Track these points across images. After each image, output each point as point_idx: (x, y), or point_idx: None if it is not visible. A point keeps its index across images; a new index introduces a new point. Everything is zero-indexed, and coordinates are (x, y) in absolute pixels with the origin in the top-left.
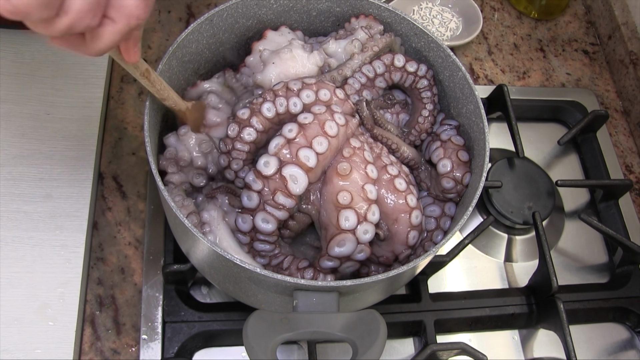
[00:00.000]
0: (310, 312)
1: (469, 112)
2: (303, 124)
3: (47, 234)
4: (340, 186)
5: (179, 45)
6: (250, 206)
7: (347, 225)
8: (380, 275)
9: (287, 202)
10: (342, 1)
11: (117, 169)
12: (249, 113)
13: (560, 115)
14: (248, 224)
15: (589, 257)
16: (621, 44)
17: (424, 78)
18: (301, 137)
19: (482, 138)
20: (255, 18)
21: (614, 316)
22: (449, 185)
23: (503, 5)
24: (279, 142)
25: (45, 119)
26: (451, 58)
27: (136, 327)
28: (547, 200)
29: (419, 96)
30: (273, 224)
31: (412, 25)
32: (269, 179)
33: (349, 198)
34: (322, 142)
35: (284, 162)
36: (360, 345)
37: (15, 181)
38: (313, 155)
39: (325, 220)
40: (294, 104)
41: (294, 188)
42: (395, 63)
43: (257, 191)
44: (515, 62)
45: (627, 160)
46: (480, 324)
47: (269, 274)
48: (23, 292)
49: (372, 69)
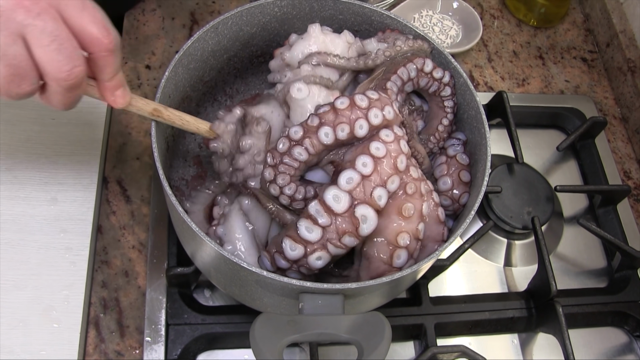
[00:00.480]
0: (316, 315)
1: (470, 118)
2: (377, 157)
3: (52, 237)
4: (402, 227)
5: (185, 53)
6: (309, 239)
7: (398, 263)
8: (385, 278)
9: (350, 243)
10: (345, 9)
11: (122, 174)
12: (302, 133)
13: (559, 122)
14: (298, 253)
15: (588, 262)
16: (619, 51)
17: (447, 86)
18: (376, 175)
19: (484, 143)
20: (259, 26)
21: (613, 320)
22: (446, 203)
23: (503, 13)
24: (352, 177)
25: (50, 123)
26: (452, 64)
27: (140, 330)
28: (546, 205)
29: (442, 104)
30: (325, 261)
31: (414, 32)
32: (337, 216)
33: (407, 240)
34: (395, 180)
35: (358, 201)
36: (366, 346)
37: (21, 185)
38: (385, 194)
39: (372, 253)
40: (360, 126)
41: (364, 229)
42: (424, 68)
43: (322, 227)
44: (515, 69)
45: (626, 166)
46: (480, 328)
47: (276, 277)
48: (28, 294)
49: (407, 72)
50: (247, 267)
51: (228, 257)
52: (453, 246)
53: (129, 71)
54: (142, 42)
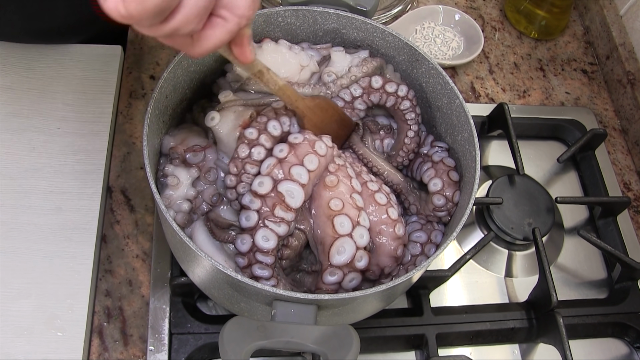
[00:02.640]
0: (287, 322)
1: (464, 140)
2: (293, 143)
3: (57, 246)
4: (330, 195)
5: (185, 56)
6: (249, 225)
7: (343, 230)
8: (358, 292)
9: (286, 216)
10: (348, 23)
11: (126, 183)
12: (257, 133)
13: (560, 134)
14: (247, 244)
15: (588, 273)
16: (619, 64)
17: (405, 99)
18: (292, 156)
19: (473, 166)
20: (262, 34)
21: (613, 331)
22: (440, 202)
23: (504, 26)
24: (270, 162)
25: (55, 133)
26: (450, 85)
27: (143, 339)
28: (547, 216)
29: (403, 117)
30: (273, 240)
31: (413, 51)
32: (265, 197)
33: (340, 204)
34: (313, 159)
35: (278, 180)
36: (332, 358)
37: (26, 194)
38: (305, 172)
39: (321, 233)
40: (291, 124)
41: (292, 202)
42: (372, 85)
43: (256, 210)
44: (516, 81)
45: (625, 177)
46: (481, 338)
47: (249, 282)
48: (33, 302)
49: (349, 92)
50: (223, 269)
51: (203, 257)
52: (454, 257)
53: (133, 81)
54: (146, 53)
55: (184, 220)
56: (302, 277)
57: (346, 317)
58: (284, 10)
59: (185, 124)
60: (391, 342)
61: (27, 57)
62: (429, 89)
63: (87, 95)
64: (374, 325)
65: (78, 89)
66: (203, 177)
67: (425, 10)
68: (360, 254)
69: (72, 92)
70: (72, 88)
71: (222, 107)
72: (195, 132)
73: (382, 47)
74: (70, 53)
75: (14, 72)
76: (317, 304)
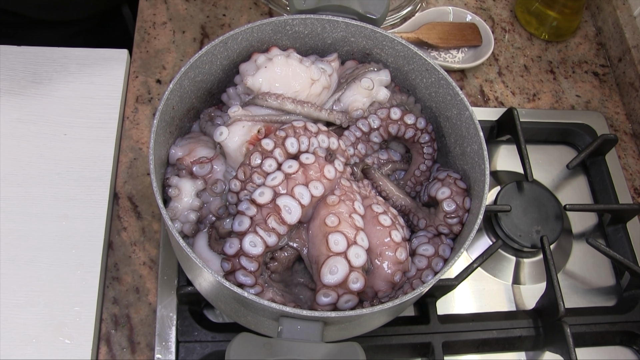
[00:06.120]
0: (293, 340)
1: (473, 152)
2: (304, 163)
3: (64, 253)
4: (328, 212)
5: (192, 66)
6: (240, 230)
7: (338, 248)
8: (365, 310)
9: (279, 228)
10: (358, 32)
11: (132, 190)
12: (273, 145)
13: (570, 138)
14: (235, 247)
15: (596, 281)
16: (631, 66)
17: (425, 132)
18: (300, 175)
19: (483, 180)
20: (270, 43)
21: (621, 340)
22: (451, 208)
23: (514, 27)
24: (276, 176)
25: (62, 139)
26: (460, 97)
27: (150, 347)
28: (555, 223)
29: (420, 150)
30: (261, 247)
31: (424, 61)
32: (262, 207)
33: (336, 221)
34: (318, 186)
35: (279, 194)
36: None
37: (33, 201)
38: (307, 194)
39: (315, 251)
40: (310, 144)
41: (288, 217)
42: (391, 116)
43: (250, 216)
44: (526, 83)
45: (636, 183)
46: (487, 346)
47: (255, 299)
48: (41, 310)
49: (367, 123)
50: (229, 287)
51: (210, 274)
52: (462, 265)
53: (139, 85)
54: (152, 56)
55: (191, 230)
56: (300, 290)
57: (353, 331)
58: (292, 18)
59: (192, 133)
60: (397, 350)
61: (35, 63)
62: (439, 99)
63: (94, 101)
64: (381, 334)
65: (84, 95)
66: (209, 189)
67: (434, 11)
68: (355, 275)
69: (78, 98)
70: (78, 94)
71: (231, 122)
72: (203, 142)
73: (391, 56)
74: (77, 57)
75: (21, 78)
76: (323, 321)
